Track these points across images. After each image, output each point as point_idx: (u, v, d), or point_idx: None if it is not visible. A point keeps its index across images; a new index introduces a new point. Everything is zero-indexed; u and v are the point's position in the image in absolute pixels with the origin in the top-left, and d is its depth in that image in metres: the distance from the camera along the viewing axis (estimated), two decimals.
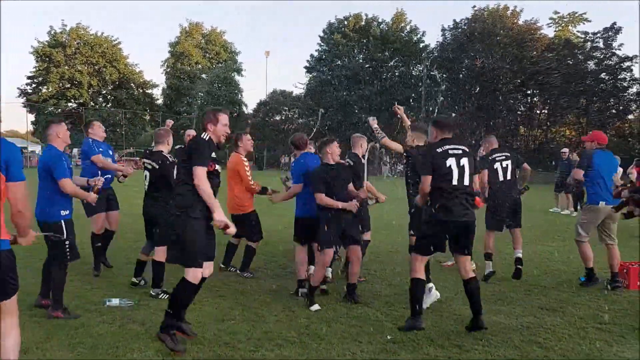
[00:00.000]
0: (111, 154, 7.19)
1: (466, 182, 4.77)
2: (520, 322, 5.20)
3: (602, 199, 6.43)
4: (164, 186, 5.63)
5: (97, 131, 7.04)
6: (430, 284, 5.66)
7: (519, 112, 49.41)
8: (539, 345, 4.55)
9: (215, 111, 4.42)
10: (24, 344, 4.14)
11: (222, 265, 7.01)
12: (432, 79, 49.09)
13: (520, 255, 7.09)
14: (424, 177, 4.74)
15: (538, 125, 48.75)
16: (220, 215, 4.09)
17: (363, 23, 55.12)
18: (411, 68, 55.04)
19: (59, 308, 4.95)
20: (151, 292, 5.73)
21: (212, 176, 4.16)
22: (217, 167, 4.28)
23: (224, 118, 4.37)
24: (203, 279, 4.32)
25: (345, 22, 55.12)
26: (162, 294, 5.63)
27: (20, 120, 56.68)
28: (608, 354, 4.40)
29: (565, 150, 17.55)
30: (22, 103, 51.79)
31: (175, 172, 5.28)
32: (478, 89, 47.07)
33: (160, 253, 5.63)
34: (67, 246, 4.99)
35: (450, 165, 4.70)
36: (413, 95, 51.10)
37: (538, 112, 51.17)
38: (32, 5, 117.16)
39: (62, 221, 5.01)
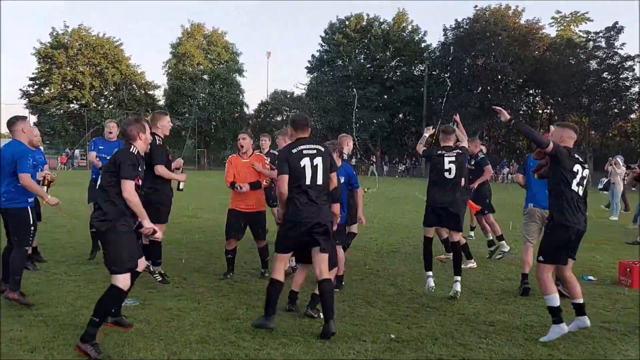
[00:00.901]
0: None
1: (319, 181, 4.71)
2: (524, 321, 5.21)
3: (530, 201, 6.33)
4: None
5: (105, 131, 7.51)
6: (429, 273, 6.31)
7: (521, 112, 49.45)
8: (543, 344, 4.55)
9: (139, 119, 4.54)
10: (31, 344, 4.19)
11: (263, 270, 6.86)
12: (434, 78, 49.13)
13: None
14: (280, 177, 4.69)
15: (540, 125, 48.71)
16: (148, 223, 4.22)
17: (364, 23, 55.20)
18: (413, 68, 55.04)
19: (16, 290, 5.17)
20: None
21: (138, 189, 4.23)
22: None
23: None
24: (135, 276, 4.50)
25: (347, 22, 55.19)
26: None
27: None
28: (612, 353, 4.41)
29: None
30: (25, 104, 51.92)
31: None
32: (480, 88, 47.06)
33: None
34: (32, 232, 5.32)
35: (304, 165, 4.66)
36: (414, 94, 50.93)
37: (540, 111, 51.22)
38: (33, 6, 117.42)
39: (29, 207, 5.34)
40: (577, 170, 4.68)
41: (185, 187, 6.54)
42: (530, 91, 49.41)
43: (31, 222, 5.28)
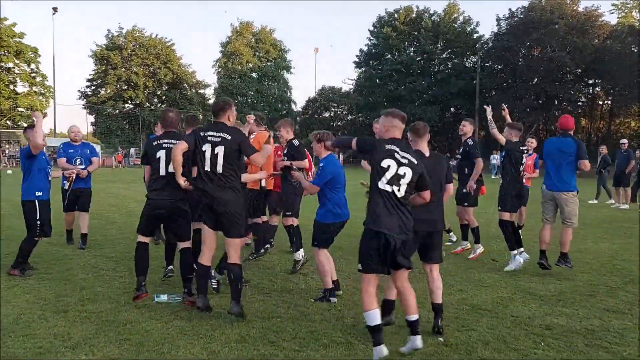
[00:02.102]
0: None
1: (219, 169, 4.77)
2: (584, 325, 4.85)
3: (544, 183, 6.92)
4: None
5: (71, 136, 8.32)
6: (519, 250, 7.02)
7: (579, 103, 47.41)
8: (605, 350, 4.21)
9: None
10: (73, 340, 4.20)
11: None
12: (487, 70, 47.69)
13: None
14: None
15: (600, 117, 46.53)
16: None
17: (414, 15, 54.28)
18: (464, 60, 53.66)
19: (17, 267, 6.21)
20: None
21: None
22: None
23: None
24: None
25: (396, 15, 54.43)
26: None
27: (81, 122, 59.52)
28: None
29: (625, 141, 16.59)
30: (83, 105, 54.07)
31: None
32: (536, 80, 45.33)
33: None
34: (38, 225, 6.28)
35: (205, 151, 4.79)
36: (466, 87, 49.59)
37: (600, 102, 48.88)
38: (91, 9, 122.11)
39: (37, 201, 6.28)
40: (388, 165, 3.96)
41: None
42: (590, 81, 47.20)
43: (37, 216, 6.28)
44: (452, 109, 54.57)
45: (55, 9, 45.40)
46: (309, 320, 4.85)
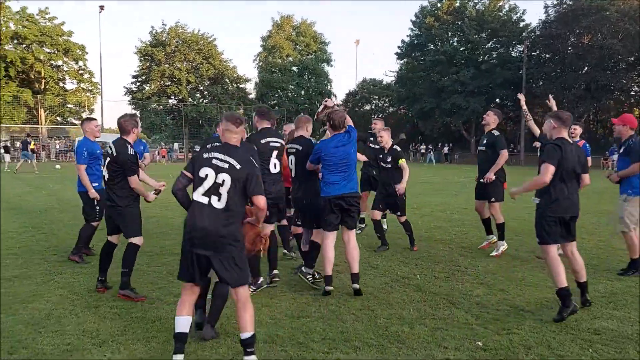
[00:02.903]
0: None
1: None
2: (637, 329, 4.50)
3: None
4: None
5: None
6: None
7: (632, 92, 45.20)
8: None
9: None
10: (101, 337, 4.17)
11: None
12: (534, 59, 46.07)
13: None
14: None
15: None
16: None
17: (457, 4, 53.01)
18: (510, 49, 52.04)
19: (77, 253, 6.76)
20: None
21: None
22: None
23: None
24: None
25: (439, 5, 53.36)
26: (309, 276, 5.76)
27: None
28: None
29: None
30: (128, 101, 55.42)
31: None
32: (586, 68, 43.49)
33: (316, 235, 5.78)
34: (97, 211, 6.79)
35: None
36: (512, 77, 48.05)
37: None
38: (135, 7, 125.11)
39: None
40: (205, 175, 3.67)
41: None
42: None
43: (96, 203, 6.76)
44: (497, 100, 53.09)
45: (101, 7, 46.58)
46: (340, 320, 4.67)
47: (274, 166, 5.62)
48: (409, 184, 7.73)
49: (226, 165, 3.65)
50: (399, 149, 7.54)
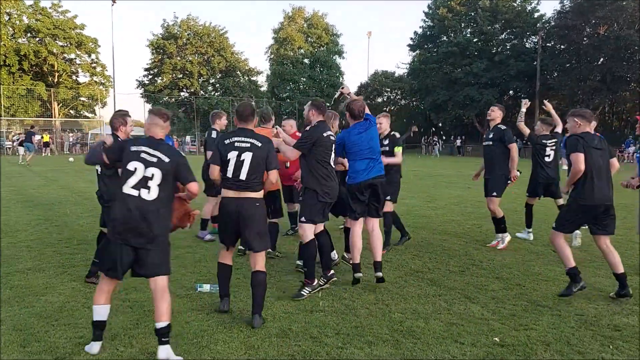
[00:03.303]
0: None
1: (242, 176, 4.37)
2: None
3: None
4: None
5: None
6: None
7: None
8: None
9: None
10: (113, 330, 4.14)
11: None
12: (549, 50, 45.38)
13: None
14: (212, 165, 4.54)
15: None
16: None
17: None
18: (524, 40, 51.34)
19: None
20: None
21: None
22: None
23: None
24: None
25: None
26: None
27: (140, 110, 61.56)
28: None
29: None
30: (141, 94, 55.57)
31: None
32: (601, 59, 42.81)
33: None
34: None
35: (230, 159, 4.39)
36: (527, 69, 47.40)
37: None
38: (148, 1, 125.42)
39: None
40: (134, 168, 3.74)
41: None
42: None
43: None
44: (510, 92, 52.52)
45: (114, 0, 46.66)
46: (354, 314, 4.61)
47: (332, 161, 5.43)
48: (418, 177, 7.63)
49: (155, 159, 3.75)
50: (398, 135, 7.35)
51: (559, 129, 7.84)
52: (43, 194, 13.26)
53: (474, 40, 51.52)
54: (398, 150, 7.19)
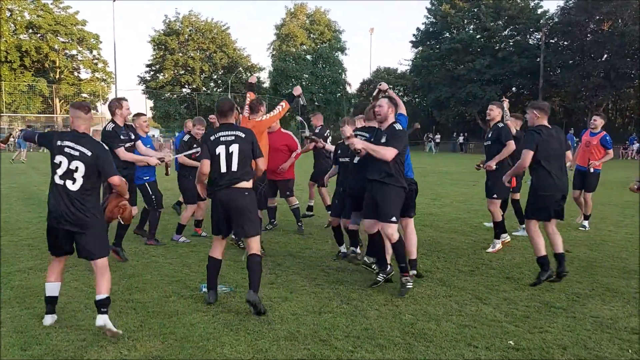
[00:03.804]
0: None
1: (234, 167, 4.61)
2: None
3: None
4: None
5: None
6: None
7: None
8: None
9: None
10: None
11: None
12: (552, 47, 45.06)
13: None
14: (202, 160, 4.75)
15: None
16: None
17: None
18: (527, 37, 51.04)
19: (152, 239, 7.20)
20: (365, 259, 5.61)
21: None
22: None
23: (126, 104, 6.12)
24: None
25: None
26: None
27: (141, 107, 61.36)
28: None
29: None
30: (142, 90, 55.39)
31: None
32: (605, 56, 42.53)
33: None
34: (154, 200, 7.07)
35: (219, 153, 4.60)
36: (530, 65, 47.12)
37: None
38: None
39: (146, 183, 6.99)
40: (59, 162, 4.06)
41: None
42: None
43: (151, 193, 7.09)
44: (513, 89, 52.25)
45: None
46: (364, 316, 4.49)
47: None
48: (422, 174, 7.49)
49: (77, 153, 4.03)
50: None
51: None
52: (45, 191, 13.10)
53: (477, 36, 51.23)
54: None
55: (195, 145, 7.35)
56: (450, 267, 6.16)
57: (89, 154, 4.03)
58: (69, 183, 4.03)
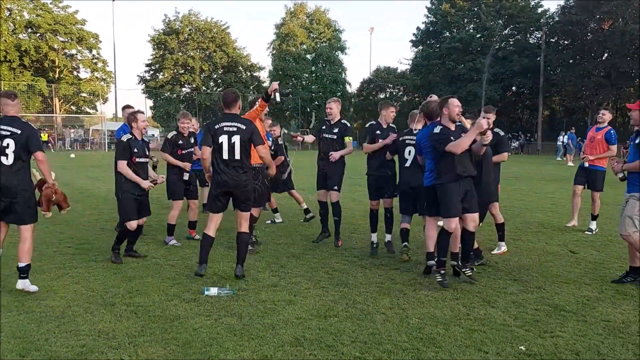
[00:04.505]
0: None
1: (237, 156, 5.34)
2: None
3: None
4: None
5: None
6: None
7: None
8: None
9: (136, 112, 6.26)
10: (118, 338, 3.92)
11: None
12: (553, 46, 44.94)
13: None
14: (203, 147, 5.43)
15: None
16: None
17: None
18: (528, 36, 50.92)
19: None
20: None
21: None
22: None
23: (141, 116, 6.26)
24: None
25: None
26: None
27: (141, 106, 61.32)
28: None
29: None
30: (142, 89, 55.21)
31: None
32: (606, 55, 42.41)
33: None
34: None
35: (222, 142, 5.30)
36: (530, 64, 47.01)
37: None
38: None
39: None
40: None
41: None
42: None
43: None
44: (513, 88, 52.15)
45: None
46: (370, 320, 4.38)
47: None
48: None
49: (8, 133, 4.79)
50: (348, 124, 7.11)
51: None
52: None
53: (477, 36, 51.14)
54: (348, 140, 6.97)
55: (181, 142, 7.24)
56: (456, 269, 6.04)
57: (19, 132, 4.79)
58: (3, 159, 4.78)
